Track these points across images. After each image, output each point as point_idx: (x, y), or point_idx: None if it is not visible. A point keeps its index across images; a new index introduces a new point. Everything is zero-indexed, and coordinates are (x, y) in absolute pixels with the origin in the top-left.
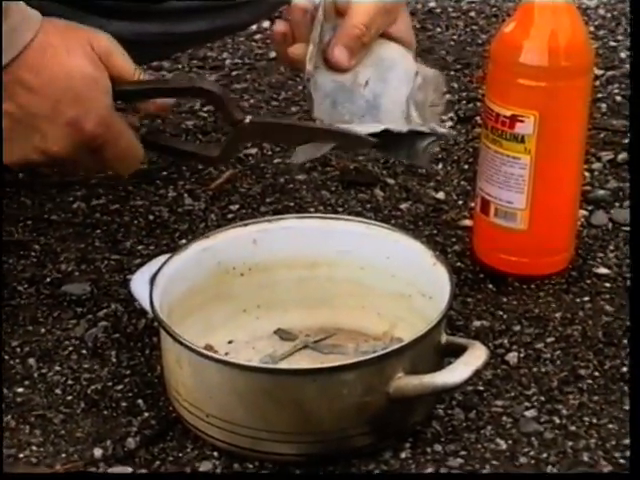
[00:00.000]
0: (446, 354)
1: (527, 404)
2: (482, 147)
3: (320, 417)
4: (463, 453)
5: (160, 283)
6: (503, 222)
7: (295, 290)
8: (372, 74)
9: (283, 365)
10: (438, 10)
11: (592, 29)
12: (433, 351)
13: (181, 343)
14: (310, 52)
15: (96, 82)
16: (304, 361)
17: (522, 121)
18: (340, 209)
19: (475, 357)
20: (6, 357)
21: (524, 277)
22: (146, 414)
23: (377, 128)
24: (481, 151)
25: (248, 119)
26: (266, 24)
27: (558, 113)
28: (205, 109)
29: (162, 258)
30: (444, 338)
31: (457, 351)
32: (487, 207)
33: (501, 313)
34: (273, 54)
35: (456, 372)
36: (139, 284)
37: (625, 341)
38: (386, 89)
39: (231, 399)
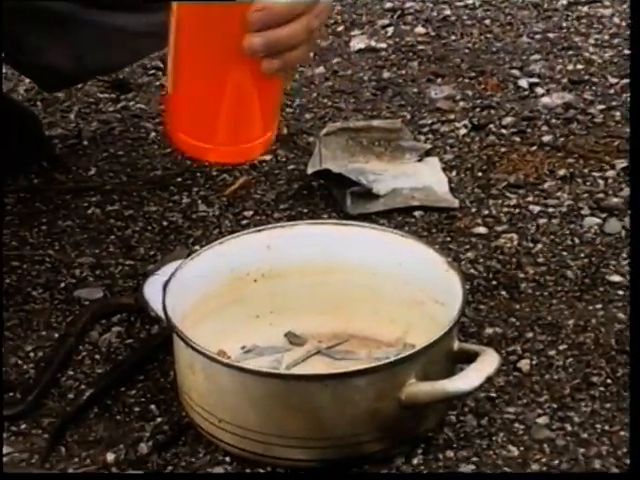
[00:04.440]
0: (458, 361)
1: (539, 411)
2: None
3: (332, 423)
4: (475, 459)
5: (173, 289)
6: None
7: (308, 296)
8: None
9: (295, 371)
10: (453, 18)
11: (607, 37)
12: (445, 358)
13: (194, 349)
14: None
15: None
16: (316, 367)
17: None
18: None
19: (487, 364)
20: (20, 362)
21: None
22: (159, 419)
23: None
24: None
25: None
26: None
27: None
28: None
29: (175, 264)
30: (456, 345)
31: (469, 358)
32: None
33: (514, 320)
34: None
35: (468, 379)
36: (152, 290)
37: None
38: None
39: (243, 404)
